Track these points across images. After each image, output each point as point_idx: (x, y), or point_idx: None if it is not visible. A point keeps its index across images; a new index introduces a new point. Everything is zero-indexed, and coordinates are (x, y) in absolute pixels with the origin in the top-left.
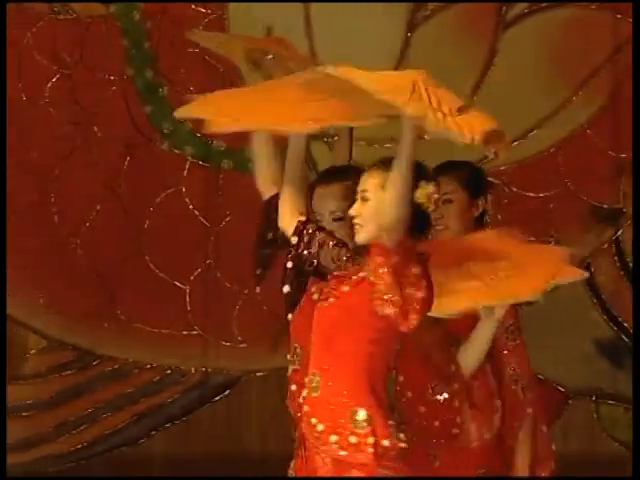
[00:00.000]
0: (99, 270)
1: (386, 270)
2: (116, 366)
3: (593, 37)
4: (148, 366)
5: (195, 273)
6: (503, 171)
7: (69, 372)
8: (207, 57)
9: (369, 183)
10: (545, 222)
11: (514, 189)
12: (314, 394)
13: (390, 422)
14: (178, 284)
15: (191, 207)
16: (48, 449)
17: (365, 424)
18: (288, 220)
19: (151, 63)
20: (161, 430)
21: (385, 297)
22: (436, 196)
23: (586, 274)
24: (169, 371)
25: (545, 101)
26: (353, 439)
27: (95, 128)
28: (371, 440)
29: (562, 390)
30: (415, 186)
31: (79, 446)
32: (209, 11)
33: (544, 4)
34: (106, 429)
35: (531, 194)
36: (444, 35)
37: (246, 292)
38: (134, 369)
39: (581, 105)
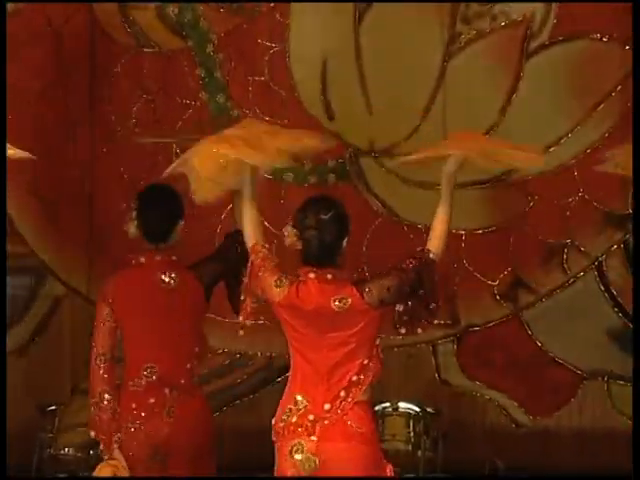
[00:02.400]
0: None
1: None
2: None
3: (605, 66)
4: (220, 351)
5: None
6: (527, 182)
7: None
8: (271, 84)
9: None
10: (563, 226)
11: (536, 197)
12: None
13: None
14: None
15: None
16: None
17: None
18: None
19: (222, 89)
20: (231, 406)
21: None
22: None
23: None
24: (238, 355)
25: (563, 121)
26: None
27: (174, 145)
28: None
29: (578, 372)
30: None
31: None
32: (273, 44)
33: (561, 37)
34: None
35: (554, 199)
36: (475, 63)
37: None
38: (208, 353)
39: (594, 125)
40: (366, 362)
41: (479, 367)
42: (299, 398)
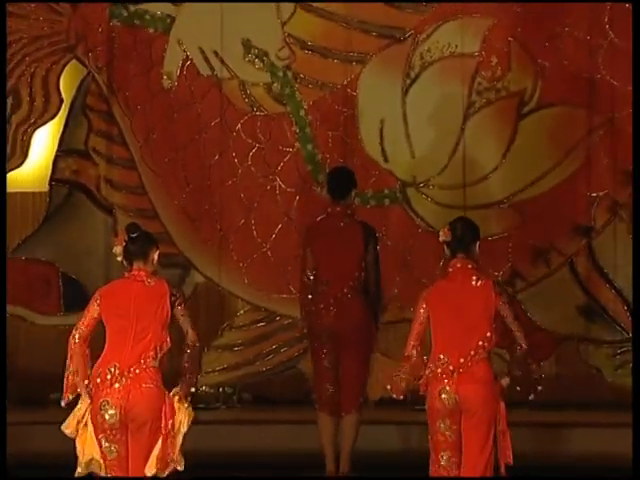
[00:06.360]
0: (280, 264)
1: None
2: (290, 321)
3: (574, 124)
4: None
5: None
6: (521, 204)
7: (262, 324)
8: (344, 137)
9: None
10: (546, 233)
11: (527, 215)
12: None
13: None
14: None
15: None
16: (250, 369)
17: None
18: None
19: (311, 141)
20: None
21: None
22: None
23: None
24: None
25: (545, 162)
26: None
27: (278, 179)
28: None
29: (556, 335)
30: None
31: (269, 367)
32: (346, 109)
33: (544, 104)
34: (283, 358)
35: (540, 216)
36: (486, 122)
37: None
38: (300, 322)
39: (567, 165)
40: (489, 335)
41: None
42: (441, 356)
